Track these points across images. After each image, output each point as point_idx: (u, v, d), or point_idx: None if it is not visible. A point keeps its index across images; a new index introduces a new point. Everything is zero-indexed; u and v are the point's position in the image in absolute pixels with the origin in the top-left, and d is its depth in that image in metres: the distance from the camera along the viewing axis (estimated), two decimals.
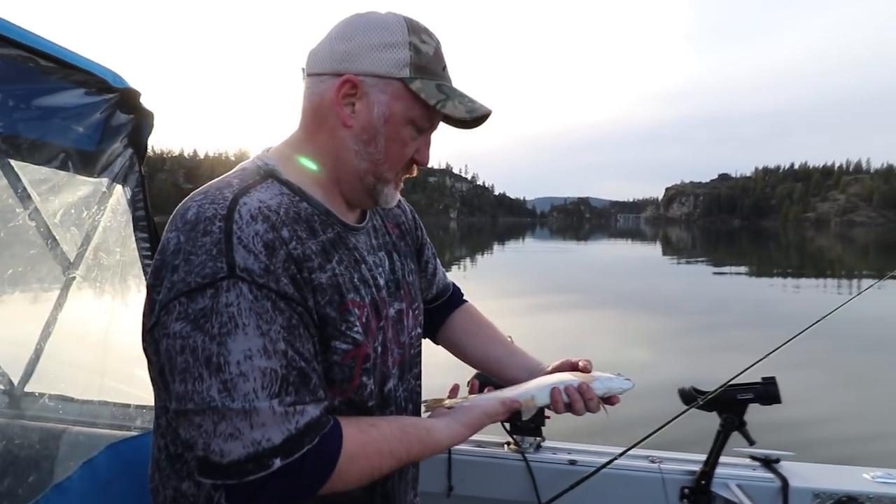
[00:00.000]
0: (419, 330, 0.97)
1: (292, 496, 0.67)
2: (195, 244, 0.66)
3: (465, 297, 1.17)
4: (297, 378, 0.67)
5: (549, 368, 0.98)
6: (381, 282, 0.85)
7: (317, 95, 0.78)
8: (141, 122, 1.53)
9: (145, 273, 1.63)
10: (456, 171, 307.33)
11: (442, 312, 1.12)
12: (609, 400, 0.89)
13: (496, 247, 33.65)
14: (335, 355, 0.74)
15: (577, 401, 0.87)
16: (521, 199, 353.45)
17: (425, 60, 0.77)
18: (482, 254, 25.82)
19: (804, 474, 1.43)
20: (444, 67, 0.80)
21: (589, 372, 0.92)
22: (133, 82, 1.39)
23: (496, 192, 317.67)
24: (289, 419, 0.66)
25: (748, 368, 1.38)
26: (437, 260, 1.13)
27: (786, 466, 1.45)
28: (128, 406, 1.61)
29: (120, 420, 1.60)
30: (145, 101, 1.47)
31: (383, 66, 0.75)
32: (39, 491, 1.22)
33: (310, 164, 0.81)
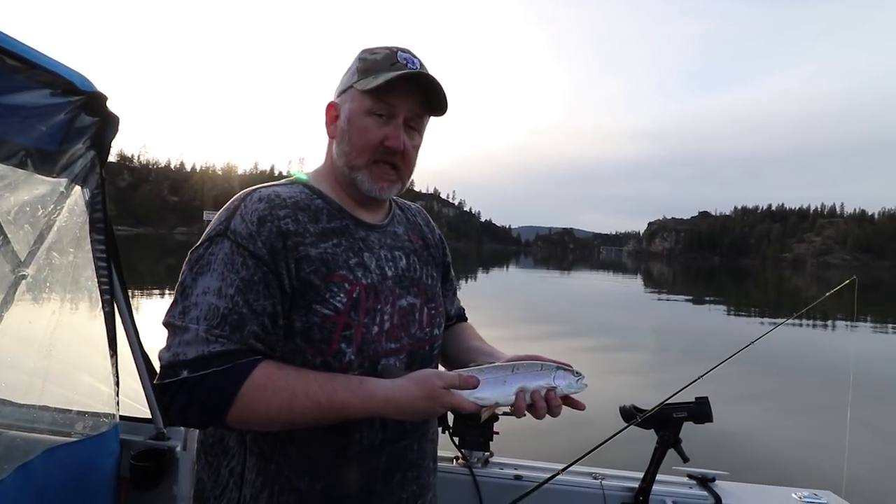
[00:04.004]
0: (436, 331, 1.06)
1: (197, 407, 0.81)
2: (219, 214, 0.92)
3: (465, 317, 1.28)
4: (234, 320, 0.83)
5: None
6: (389, 273, 0.98)
7: None
8: (105, 126, 1.54)
9: (99, 275, 1.61)
10: (443, 196, 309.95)
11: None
12: (574, 404, 0.89)
13: (480, 273, 33.73)
14: (315, 317, 0.88)
15: (542, 408, 0.86)
16: (507, 226, 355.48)
17: (370, 64, 0.95)
18: (465, 280, 25.86)
19: (737, 494, 1.45)
20: (395, 63, 0.94)
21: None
22: (114, 89, 1.40)
23: (482, 219, 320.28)
24: (207, 344, 0.81)
25: (684, 388, 1.42)
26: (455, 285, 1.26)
27: (720, 485, 1.48)
28: (69, 411, 1.57)
29: (59, 426, 1.56)
30: (112, 105, 1.49)
31: (344, 84, 0.99)
32: None
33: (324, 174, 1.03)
